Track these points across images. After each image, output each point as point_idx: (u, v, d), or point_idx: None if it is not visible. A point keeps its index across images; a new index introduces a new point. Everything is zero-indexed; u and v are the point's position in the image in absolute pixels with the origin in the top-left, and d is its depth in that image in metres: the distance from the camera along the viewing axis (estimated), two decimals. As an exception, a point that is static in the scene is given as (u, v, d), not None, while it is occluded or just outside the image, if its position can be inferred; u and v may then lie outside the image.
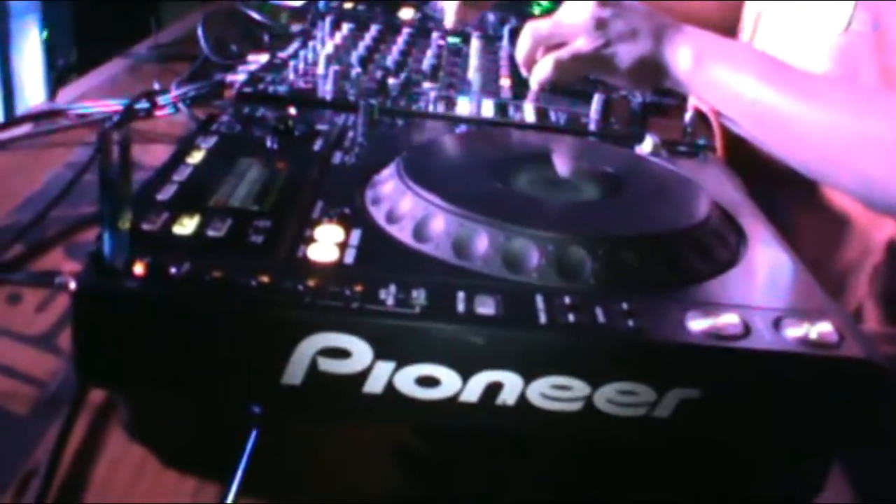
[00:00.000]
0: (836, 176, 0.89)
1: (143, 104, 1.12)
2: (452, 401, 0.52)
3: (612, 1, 0.98)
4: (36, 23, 2.86)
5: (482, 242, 0.58)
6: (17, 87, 2.79)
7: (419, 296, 0.53)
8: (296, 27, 1.37)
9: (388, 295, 0.52)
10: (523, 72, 1.02)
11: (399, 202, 0.63)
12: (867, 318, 0.96)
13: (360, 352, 0.51)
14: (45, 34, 2.78)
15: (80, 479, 0.56)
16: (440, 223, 0.59)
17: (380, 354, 0.51)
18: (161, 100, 1.12)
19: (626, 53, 0.95)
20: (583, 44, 0.95)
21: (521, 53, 1.01)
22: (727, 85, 0.93)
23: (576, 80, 1.02)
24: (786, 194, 0.97)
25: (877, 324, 0.97)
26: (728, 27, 1.22)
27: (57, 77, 1.24)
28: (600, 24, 0.95)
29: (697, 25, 0.97)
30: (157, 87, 1.16)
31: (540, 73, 0.99)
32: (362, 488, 0.57)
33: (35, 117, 1.13)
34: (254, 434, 0.54)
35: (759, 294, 0.62)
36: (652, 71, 0.96)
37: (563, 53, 0.96)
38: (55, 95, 1.20)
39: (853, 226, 0.95)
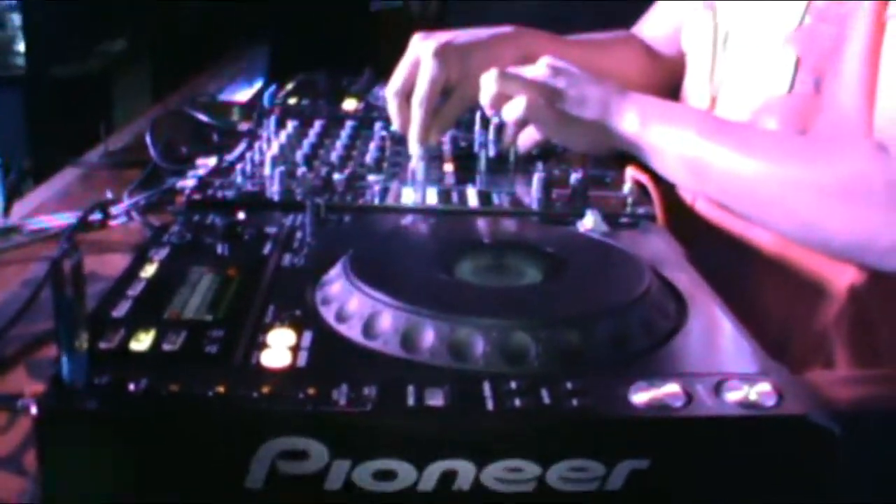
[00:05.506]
0: (776, 221, 0.94)
1: (97, 215, 1.13)
2: (410, 491, 0.53)
3: (562, 69, 1.05)
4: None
5: (428, 335, 0.60)
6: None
7: (370, 392, 0.55)
8: (244, 126, 1.39)
9: (341, 395, 0.55)
10: (488, 112, 1.08)
11: (347, 301, 0.65)
12: (839, 364, 0.98)
13: (317, 452, 0.53)
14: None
15: None
16: (387, 319, 0.62)
17: (336, 453, 0.53)
18: (114, 209, 1.14)
19: (579, 113, 1.02)
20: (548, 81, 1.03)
21: (488, 94, 1.05)
22: (671, 143, 0.98)
23: (537, 138, 1.08)
24: (741, 258, 1.00)
25: (847, 368, 0.99)
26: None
27: (10, 192, 1.24)
28: (556, 73, 1.04)
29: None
30: (109, 196, 1.17)
31: (512, 111, 1.03)
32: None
33: (-11, 235, 1.14)
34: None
35: (701, 361, 0.65)
36: (602, 135, 1.03)
37: (534, 88, 1.03)
38: (9, 211, 1.21)
39: (815, 279, 0.98)
